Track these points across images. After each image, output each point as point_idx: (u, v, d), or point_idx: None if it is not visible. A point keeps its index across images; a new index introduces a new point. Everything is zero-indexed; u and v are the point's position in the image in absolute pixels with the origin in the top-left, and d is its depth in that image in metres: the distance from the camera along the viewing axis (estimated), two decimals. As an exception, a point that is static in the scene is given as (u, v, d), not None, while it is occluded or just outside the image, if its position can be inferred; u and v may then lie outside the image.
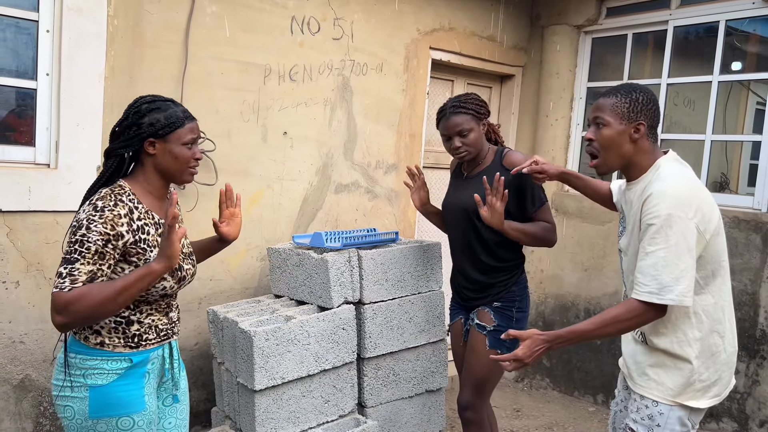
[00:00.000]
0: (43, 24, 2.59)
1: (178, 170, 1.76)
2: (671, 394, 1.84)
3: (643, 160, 1.88)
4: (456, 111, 2.52)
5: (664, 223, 1.71)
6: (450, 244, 2.75)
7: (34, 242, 2.59)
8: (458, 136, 2.52)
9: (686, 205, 1.73)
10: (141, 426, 1.73)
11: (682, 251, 1.71)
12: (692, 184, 1.81)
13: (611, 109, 1.85)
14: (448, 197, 2.72)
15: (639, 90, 1.87)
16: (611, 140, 1.85)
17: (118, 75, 2.75)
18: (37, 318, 2.63)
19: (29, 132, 2.63)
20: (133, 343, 1.73)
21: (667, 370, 1.86)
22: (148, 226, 1.72)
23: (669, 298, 1.71)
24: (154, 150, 1.73)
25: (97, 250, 1.60)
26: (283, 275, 3.01)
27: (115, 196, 1.67)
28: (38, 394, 2.66)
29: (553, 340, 1.82)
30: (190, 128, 1.76)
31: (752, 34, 4.17)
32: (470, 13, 4.09)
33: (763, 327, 3.41)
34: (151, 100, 1.75)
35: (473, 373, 2.59)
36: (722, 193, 4.22)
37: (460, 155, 2.56)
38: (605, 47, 4.32)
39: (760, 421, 3.42)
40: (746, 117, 5.16)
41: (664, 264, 1.71)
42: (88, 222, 1.61)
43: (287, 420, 2.65)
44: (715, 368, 1.86)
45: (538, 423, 3.83)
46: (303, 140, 3.41)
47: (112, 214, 1.62)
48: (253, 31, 3.14)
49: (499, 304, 2.58)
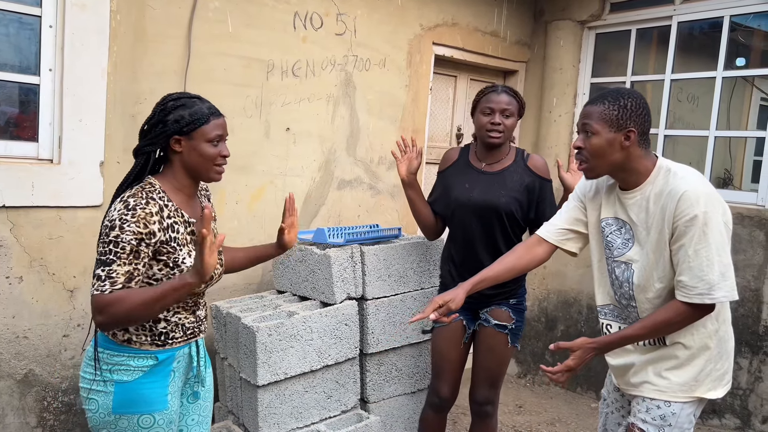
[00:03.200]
0: (46, 19, 2.59)
1: (205, 168, 1.76)
2: (685, 390, 1.84)
3: (639, 166, 1.83)
4: (509, 92, 2.59)
5: (703, 221, 1.71)
6: (459, 241, 2.64)
7: (37, 237, 2.60)
8: (501, 113, 2.55)
9: (716, 202, 1.75)
10: (161, 425, 1.73)
11: (722, 247, 1.73)
12: (709, 182, 1.82)
13: (599, 116, 1.80)
14: (465, 190, 2.60)
15: (628, 96, 1.81)
16: (601, 149, 1.81)
17: (121, 70, 2.75)
18: (41, 313, 2.63)
19: (32, 127, 2.63)
20: (160, 341, 1.74)
21: (680, 368, 1.85)
22: (177, 225, 1.72)
23: (720, 296, 1.73)
24: (181, 147, 1.72)
25: (132, 250, 1.60)
26: (285, 271, 3.01)
27: (146, 194, 1.67)
28: (42, 389, 2.66)
29: (604, 348, 1.84)
30: (215, 125, 1.74)
31: (757, 30, 4.15)
32: (473, 9, 4.08)
33: (766, 323, 3.40)
34: (177, 97, 1.75)
35: (492, 371, 2.62)
36: (726, 189, 4.20)
37: (494, 134, 2.55)
38: (609, 43, 4.31)
39: (763, 417, 3.42)
40: (750, 113, 5.14)
41: (708, 263, 1.71)
42: (121, 222, 1.60)
43: (290, 415, 2.65)
44: (727, 355, 1.89)
45: (541, 419, 3.83)
46: (306, 136, 3.40)
47: (144, 212, 1.62)
48: (256, 27, 3.14)
49: (515, 301, 2.61)
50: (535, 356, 4.46)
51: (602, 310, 2.03)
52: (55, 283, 2.66)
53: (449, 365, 2.68)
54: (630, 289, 1.90)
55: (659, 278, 1.83)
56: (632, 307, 1.92)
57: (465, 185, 2.62)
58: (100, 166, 2.69)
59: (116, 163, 2.75)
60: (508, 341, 2.58)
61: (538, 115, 4.45)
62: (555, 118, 4.33)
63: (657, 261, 1.82)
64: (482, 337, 2.62)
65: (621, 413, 2.09)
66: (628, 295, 1.91)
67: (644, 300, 1.88)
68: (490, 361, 2.61)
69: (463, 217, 2.61)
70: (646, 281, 1.86)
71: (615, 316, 2.00)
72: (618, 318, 2.00)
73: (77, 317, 2.72)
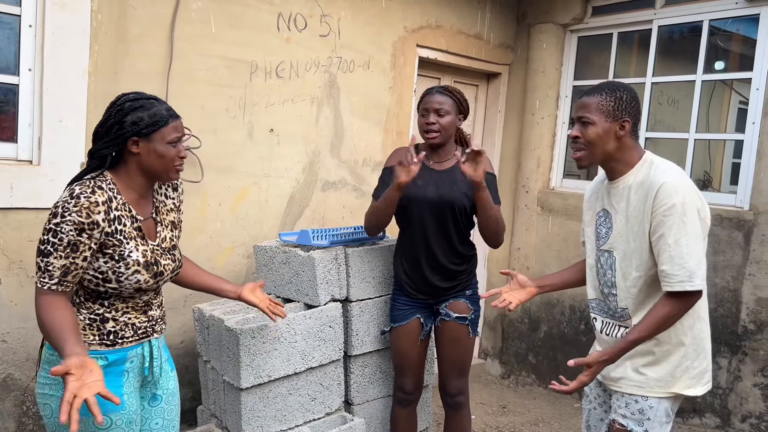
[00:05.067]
0: (26, 18, 2.55)
1: (164, 169, 1.73)
2: (661, 386, 1.88)
3: (627, 157, 1.92)
4: (443, 92, 2.65)
5: (681, 211, 1.77)
6: (411, 239, 2.68)
7: (16, 240, 2.56)
8: (436, 113, 2.61)
9: (694, 195, 1.81)
10: (119, 425, 1.70)
11: (699, 237, 1.79)
12: (689, 179, 1.88)
13: (597, 107, 1.88)
14: (418, 188, 2.63)
15: (623, 88, 1.90)
16: (598, 138, 1.88)
17: (102, 70, 2.72)
18: (20, 316, 2.59)
19: (11, 128, 2.59)
20: (109, 341, 1.71)
21: (656, 364, 1.89)
22: (124, 218, 1.69)
23: (698, 283, 1.78)
24: (138, 149, 1.69)
25: (70, 242, 1.58)
26: (269, 273, 2.99)
27: (93, 182, 1.64)
28: (21, 393, 2.63)
29: (615, 357, 1.86)
30: (174, 126, 1.72)
31: (735, 34, 4.21)
32: (457, 11, 4.10)
33: (744, 323, 3.45)
34: (135, 98, 1.72)
35: (460, 362, 2.74)
36: (705, 191, 4.26)
37: (430, 133, 2.62)
38: (591, 46, 4.35)
39: (742, 416, 3.47)
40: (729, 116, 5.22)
41: (688, 252, 1.77)
42: (63, 210, 1.58)
43: (274, 418, 2.64)
44: (704, 354, 1.93)
45: (524, 419, 3.85)
46: (290, 137, 3.39)
47: (88, 201, 1.59)
48: (240, 27, 3.12)
49: (470, 292, 2.74)
50: (518, 357, 4.48)
51: (590, 303, 2.11)
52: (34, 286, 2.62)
53: (410, 362, 2.78)
54: (613, 276, 1.97)
55: (636, 267, 1.90)
56: (613, 296, 1.98)
57: (417, 182, 2.60)
58: (80, 167, 2.66)
59: (97, 164, 2.72)
60: (470, 331, 2.71)
61: (521, 117, 4.48)
62: (538, 120, 4.36)
63: (636, 249, 1.89)
64: (445, 330, 2.72)
65: (603, 408, 2.13)
66: (611, 282, 1.98)
67: (623, 288, 1.94)
68: (456, 352, 2.72)
69: (418, 213, 2.64)
70: (626, 267, 1.93)
71: (599, 310, 2.07)
72: (601, 312, 2.06)
73: (57, 320, 2.68)
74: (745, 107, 3.59)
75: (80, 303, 1.70)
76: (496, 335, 4.63)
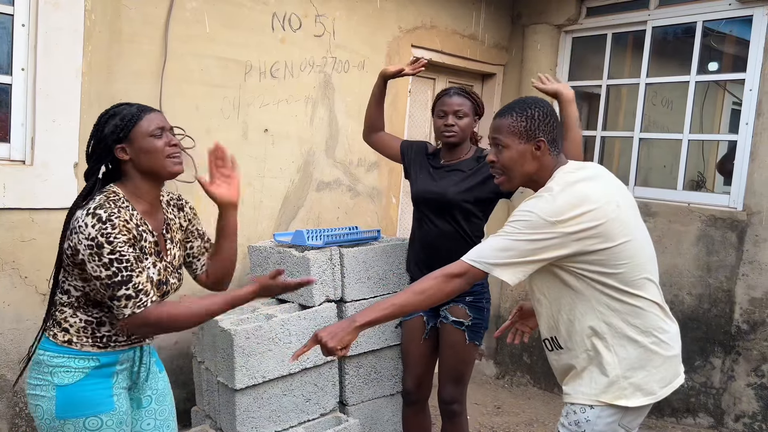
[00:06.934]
0: (19, 18, 2.54)
1: (159, 163, 1.71)
2: (587, 396, 1.78)
3: (547, 176, 1.83)
4: (461, 93, 2.68)
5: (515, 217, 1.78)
6: (419, 237, 2.71)
7: (9, 240, 2.55)
8: (454, 115, 2.63)
9: (571, 204, 1.72)
10: (110, 426, 1.70)
11: (511, 236, 1.76)
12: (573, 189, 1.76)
13: (508, 129, 1.80)
14: (427, 184, 2.67)
15: (534, 105, 1.82)
16: (513, 161, 1.81)
17: (96, 70, 2.71)
18: (12, 317, 2.58)
19: (4, 128, 2.58)
20: (102, 344, 1.71)
21: (576, 377, 1.82)
22: (145, 233, 1.71)
23: (481, 263, 1.77)
24: (127, 155, 1.69)
25: (134, 257, 1.61)
26: (264, 273, 2.98)
27: (112, 203, 1.64)
28: (13, 394, 2.61)
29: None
30: (149, 119, 1.71)
31: (728, 35, 4.24)
32: (452, 12, 4.10)
33: (738, 323, 3.47)
34: (108, 110, 1.74)
35: (454, 369, 2.65)
36: (699, 192, 4.28)
37: (449, 135, 2.63)
38: (585, 47, 4.36)
39: (736, 415, 3.48)
40: (722, 117, 5.24)
41: (493, 242, 1.80)
42: (105, 237, 1.57)
43: (268, 419, 2.63)
44: (642, 368, 1.79)
45: (519, 420, 3.86)
46: (284, 137, 3.39)
47: (119, 220, 1.61)
48: (234, 27, 3.12)
49: (472, 298, 2.64)
50: (513, 357, 4.49)
51: None
52: (27, 286, 2.61)
53: (411, 359, 2.75)
54: None
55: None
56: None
57: (425, 178, 2.69)
58: (74, 168, 2.65)
59: (91, 164, 2.71)
60: (466, 338, 2.62)
61: (515, 117, 4.48)
62: (532, 120, 4.36)
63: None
64: (443, 334, 2.68)
65: None
66: None
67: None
68: (451, 357, 2.65)
69: (423, 210, 2.68)
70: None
71: None
72: None
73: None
74: (739, 108, 3.61)
75: (78, 307, 1.70)
76: (490, 336, 4.63)
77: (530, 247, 1.69)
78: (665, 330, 1.81)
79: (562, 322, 1.82)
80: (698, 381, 3.58)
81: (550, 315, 1.85)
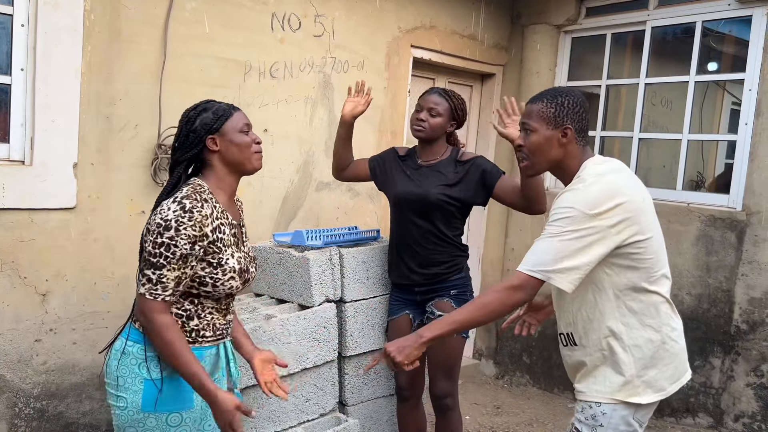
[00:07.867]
0: (18, 18, 2.54)
1: (245, 157, 1.80)
2: (603, 394, 1.81)
3: (572, 165, 1.85)
4: (442, 94, 2.72)
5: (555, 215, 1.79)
6: (399, 236, 2.75)
7: (8, 240, 2.54)
8: (428, 111, 2.68)
9: (589, 202, 1.74)
10: (188, 423, 1.74)
11: (559, 238, 1.76)
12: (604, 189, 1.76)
13: (538, 114, 1.84)
14: (407, 185, 2.71)
15: (565, 94, 1.85)
16: (539, 145, 1.85)
17: (96, 70, 2.71)
18: (12, 318, 2.58)
19: (3, 128, 2.58)
20: (191, 338, 1.75)
21: (589, 375, 1.85)
22: (224, 226, 1.75)
23: (537, 271, 1.79)
24: (217, 146, 1.76)
25: (182, 255, 1.63)
26: (263, 274, 2.99)
27: (199, 195, 1.69)
28: (13, 395, 2.61)
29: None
30: (238, 116, 1.80)
31: (728, 35, 4.24)
32: (451, 12, 4.10)
33: (737, 323, 3.47)
34: (195, 106, 1.81)
35: (445, 364, 2.70)
36: (698, 192, 4.28)
37: (417, 128, 2.70)
38: (585, 47, 4.36)
39: (735, 415, 3.49)
40: (722, 117, 5.25)
41: (542, 247, 1.81)
42: (177, 224, 1.62)
43: (267, 419, 2.63)
44: (655, 364, 1.82)
45: (519, 420, 3.86)
46: (284, 138, 3.39)
47: (200, 215, 1.65)
48: (233, 27, 3.12)
49: (456, 292, 2.69)
50: (512, 357, 4.49)
51: None
52: (26, 286, 2.61)
53: None
54: None
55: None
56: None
57: (404, 179, 2.75)
58: (73, 168, 2.65)
59: (90, 164, 2.71)
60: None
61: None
62: (532, 120, 4.36)
63: None
64: None
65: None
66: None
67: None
68: (440, 352, 2.65)
69: (403, 210, 2.72)
70: None
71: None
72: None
73: (50, 321, 2.67)
74: (738, 108, 3.61)
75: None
76: (490, 336, 4.63)
77: (577, 245, 1.70)
78: (674, 327, 1.86)
79: (580, 319, 1.84)
80: (698, 381, 3.58)
81: (570, 310, 1.87)
